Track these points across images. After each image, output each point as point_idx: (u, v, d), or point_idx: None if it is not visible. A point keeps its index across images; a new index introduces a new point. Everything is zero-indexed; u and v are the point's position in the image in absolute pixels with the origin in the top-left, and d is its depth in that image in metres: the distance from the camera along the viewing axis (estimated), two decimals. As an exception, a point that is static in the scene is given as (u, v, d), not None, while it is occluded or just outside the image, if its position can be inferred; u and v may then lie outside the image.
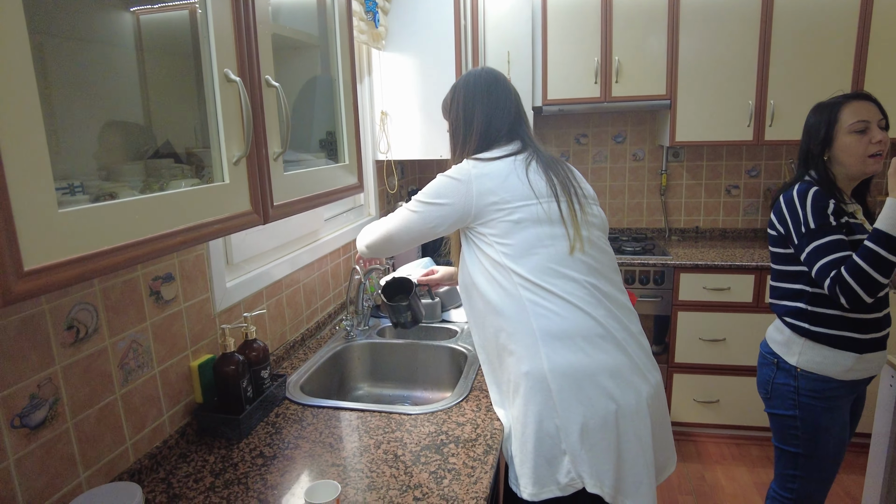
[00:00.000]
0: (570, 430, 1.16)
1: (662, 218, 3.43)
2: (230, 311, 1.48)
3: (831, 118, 1.62)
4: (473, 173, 1.26)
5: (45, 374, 0.96)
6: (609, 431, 1.16)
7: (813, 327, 1.62)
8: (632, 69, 2.93)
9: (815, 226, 1.54)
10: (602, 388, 1.17)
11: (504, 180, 1.25)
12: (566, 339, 1.18)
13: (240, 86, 0.82)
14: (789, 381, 1.67)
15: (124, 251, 0.64)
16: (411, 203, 1.33)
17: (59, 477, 0.99)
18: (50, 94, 0.81)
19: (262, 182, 0.91)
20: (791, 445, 1.71)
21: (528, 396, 1.20)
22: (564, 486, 1.17)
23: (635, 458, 1.17)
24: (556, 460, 1.18)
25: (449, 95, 1.43)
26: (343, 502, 1.07)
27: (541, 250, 1.21)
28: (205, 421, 1.33)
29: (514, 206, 1.23)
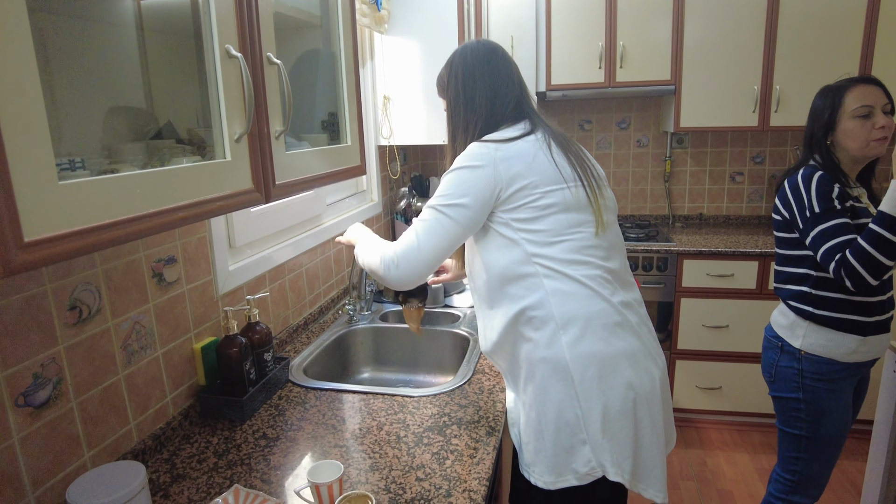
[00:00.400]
0: (591, 419, 1.13)
1: (666, 204, 3.41)
2: (233, 294, 1.48)
3: (835, 102, 1.61)
4: (497, 156, 1.14)
5: (49, 354, 0.96)
6: (628, 418, 1.14)
7: (817, 310, 1.62)
8: (636, 54, 2.90)
9: (820, 210, 1.54)
10: (621, 375, 1.14)
11: (532, 162, 1.15)
12: (587, 326, 1.13)
13: (241, 62, 0.81)
14: (793, 364, 1.68)
15: (125, 225, 0.64)
16: (435, 208, 1.15)
17: (63, 456, 1.00)
18: (51, 74, 0.81)
19: (264, 160, 0.91)
20: (794, 428, 1.72)
21: (547, 384, 1.15)
22: (583, 476, 1.13)
23: (651, 443, 1.17)
24: (574, 449, 1.14)
25: (444, 71, 1.30)
26: (346, 482, 1.08)
27: (566, 237, 1.15)
28: (208, 403, 1.33)
29: (544, 190, 1.14)
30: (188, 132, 1.01)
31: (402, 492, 1.05)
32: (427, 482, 1.07)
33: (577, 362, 1.13)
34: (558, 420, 1.14)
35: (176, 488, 1.09)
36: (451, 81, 1.27)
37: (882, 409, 1.98)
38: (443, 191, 1.16)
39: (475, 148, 1.16)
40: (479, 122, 1.24)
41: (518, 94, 1.26)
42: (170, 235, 1.25)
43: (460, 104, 1.25)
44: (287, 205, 1.72)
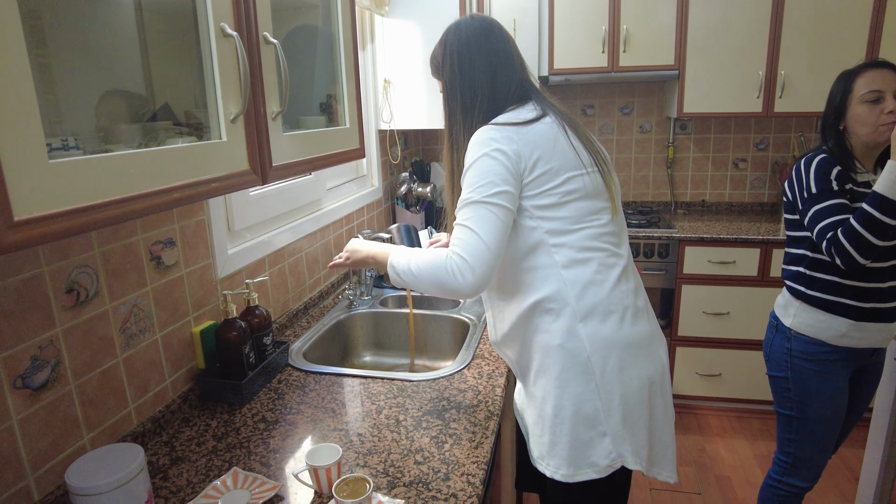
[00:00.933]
0: (611, 411, 1.10)
1: (668, 191, 3.39)
2: (232, 278, 1.48)
3: (846, 87, 1.60)
4: (518, 139, 1.08)
5: (47, 337, 0.96)
6: (644, 407, 1.13)
7: (809, 291, 1.64)
8: (640, 38, 2.86)
9: (817, 190, 1.57)
10: (638, 364, 1.13)
11: (553, 147, 1.09)
12: (606, 314, 1.11)
13: (237, 41, 0.79)
14: (783, 343, 1.71)
15: (118, 205, 0.63)
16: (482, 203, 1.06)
17: (63, 438, 1.00)
18: (47, 54, 0.79)
19: (261, 141, 0.89)
20: (786, 408, 1.75)
21: (566, 377, 1.11)
22: (603, 469, 1.11)
23: (663, 428, 1.17)
24: (593, 442, 1.11)
25: (438, 48, 1.22)
26: (344, 466, 1.08)
27: (585, 224, 1.12)
28: (207, 386, 1.33)
29: (566, 176, 1.09)
30: (186, 114, 1.00)
31: (400, 475, 1.05)
32: (426, 466, 1.07)
33: (598, 354, 1.10)
34: (577, 414, 1.11)
35: (175, 470, 1.09)
36: (446, 60, 1.19)
37: (882, 396, 1.98)
38: (478, 182, 1.06)
39: (493, 132, 1.09)
40: (480, 102, 1.17)
41: (520, 73, 1.20)
42: (168, 218, 1.25)
43: (457, 83, 1.18)
44: (286, 189, 1.71)
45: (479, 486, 1.02)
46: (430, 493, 1.00)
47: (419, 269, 1.10)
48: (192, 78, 0.94)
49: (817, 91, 2.75)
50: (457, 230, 1.08)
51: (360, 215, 2.30)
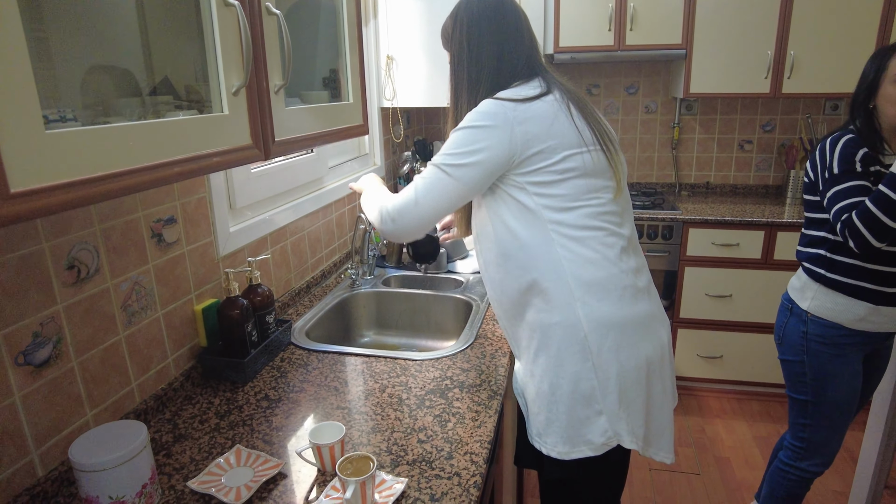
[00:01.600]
0: (608, 389, 1.11)
1: (673, 172, 3.36)
2: (234, 256, 1.47)
3: (881, 65, 1.55)
4: (514, 117, 1.07)
5: (48, 314, 0.95)
6: (642, 386, 1.13)
7: (829, 274, 1.61)
8: (647, 16, 2.81)
9: (839, 171, 1.53)
10: (636, 343, 1.12)
11: (552, 125, 1.09)
12: (604, 293, 1.11)
13: (238, 10, 0.77)
14: (799, 327, 1.69)
15: (117, 179, 0.61)
16: (439, 167, 1.11)
17: (66, 414, 1.00)
18: (44, 26, 0.77)
19: (263, 115, 0.87)
20: (800, 393, 1.73)
21: (563, 356, 1.12)
22: (599, 447, 1.12)
23: (661, 408, 1.17)
24: (589, 420, 1.12)
25: (449, 21, 1.22)
26: (348, 444, 1.08)
27: (584, 203, 1.11)
28: (209, 364, 1.33)
29: (564, 154, 1.08)
30: (186, 88, 0.98)
31: (403, 453, 1.05)
32: (429, 444, 1.07)
33: (596, 333, 1.10)
34: (574, 392, 1.11)
35: (178, 448, 1.09)
36: (455, 33, 1.19)
37: (884, 380, 1.98)
38: (449, 148, 1.10)
39: (489, 105, 1.09)
40: (486, 77, 1.17)
41: (528, 50, 1.19)
42: (169, 195, 1.23)
43: (464, 58, 1.18)
44: (288, 167, 1.69)
45: (483, 465, 1.02)
46: (434, 471, 1.00)
47: (367, 205, 1.28)
48: (193, 51, 0.91)
49: (827, 72, 2.71)
50: (409, 185, 1.16)
51: (363, 194, 2.27)
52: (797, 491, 1.81)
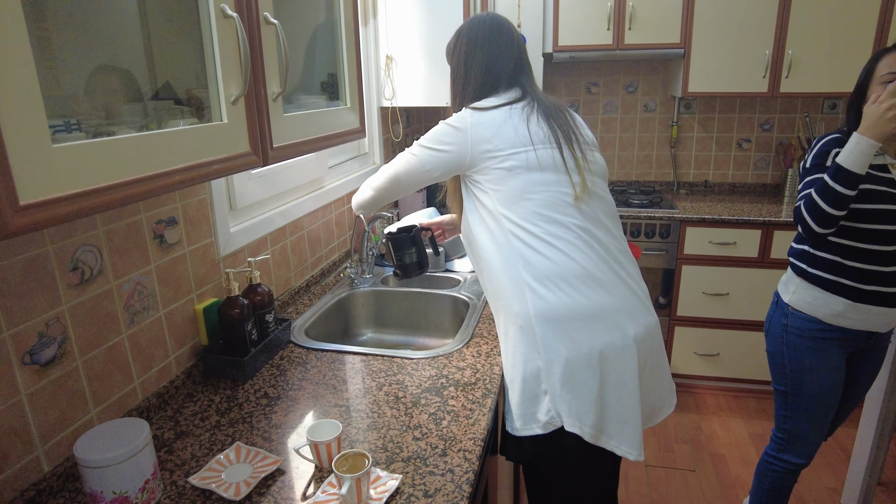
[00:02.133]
0: (551, 370, 1.19)
1: (671, 171, 3.38)
2: (234, 256, 1.49)
3: (871, 66, 1.58)
4: (470, 121, 1.26)
5: (53, 314, 0.98)
6: (591, 372, 1.18)
7: (810, 269, 1.66)
8: (646, 15, 2.83)
9: (810, 165, 1.60)
10: (585, 329, 1.18)
11: (499, 129, 1.25)
12: (549, 282, 1.19)
13: (237, 21, 0.79)
14: (781, 319, 1.74)
15: (121, 189, 0.64)
16: (413, 147, 1.33)
17: (70, 412, 1.03)
18: (47, 32, 0.79)
19: (261, 122, 0.90)
20: (781, 384, 1.79)
21: (517, 338, 1.23)
22: (545, 424, 1.21)
23: (620, 399, 1.19)
24: (537, 399, 1.21)
25: (452, 40, 1.41)
26: (344, 441, 1.11)
27: (532, 196, 1.22)
28: (210, 362, 1.36)
29: (507, 153, 1.23)
30: (187, 93, 1.00)
31: (399, 451, 1.08)
32: (424, 441, 1.10)
33: (539, 316, 1.19)
34: (524, 371, 1.22)
35: (179, 444, 1.12)
36: (455, 51, 1.38)
37: (878, 377, 2.00)
38: (426, 136, 1.30)
39: (461, 113, 1.30)
40: (472, 87, 1.34)
41: (513, 68, 1.34)
42: (170, 197, 1.25)
43: (460, 73, 1.36)
44: (287, 167, 1.71)
45: (476, 462, 1.04)
46: (428, 468, 1.03)
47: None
48: (194, 57, 0.94)
49: (825, 71, 2.72)
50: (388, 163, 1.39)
51: (362, 193, 2.30)
52: (782, 483, 1.84)
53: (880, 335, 1.68)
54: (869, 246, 1.55)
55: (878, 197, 1.53)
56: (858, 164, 1.46)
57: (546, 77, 3.29)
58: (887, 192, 1.53)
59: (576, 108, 3.39)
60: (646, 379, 1.24)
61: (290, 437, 1.14)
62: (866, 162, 1.46)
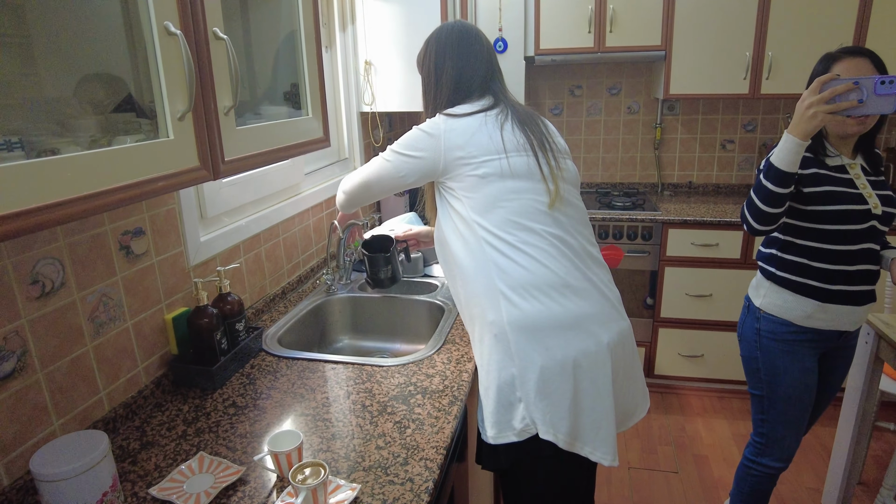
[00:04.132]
0: (526, 378, 1.19)
1: (656, 172, 3.39)
2: (206, 265, 1.50)
3: (824, 72, 1.58)
4: (443, 128, 1.26)
5: (11, 328, 0.98)
6: (565, 380, 1.18)
7: (779, 272, 1.67)
8: (626, 18, 2.83)
9: (763, 168, 1.61)
10: (559, 337, 1.18)
11: (472, 136, 1.25)
12: (523, 290, 1.19)
13: (181, 40, 0.80)
14: (753, 323, 1.75)
15: (59, 208, 0.64)
16: (386, 152, 1.33)
17: (31, 425, 1.03)
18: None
19: (212, 137, 0.90)
20: (756, 388, 1.79)
21: (492, 346, 1.23)
22: (520, 432, 1.21)
23: (594, 406, 1.20)
24: (512, 407, 1.21)
25: (422, 50, 1.41)
26: (308, 450, 1.11)
27: (505, 204, 1.22)
28: (180, 372, 1.36)
29: (480, 160, 1.23)
30: (149, 105, 1.01)
31: (361, 460, 1.08)
32: (386, 450, 1.11)
33: (513, 325, 1.20)
34: (499, 379, 1.22)
35: (144, 455, 1.12)
36: (425, 59, 1.38)
37: (853, 376, 2.02)
38: (396, 145, 1.31)
39: (434, 119, 1.29)
40: (444, 95, 1.34)
41: (484, 73, 1.34)
42: (136, 208, 1.26)
43: (431, 81, 1.36)
44: (260, 175, 1.72)
45: (437, 471, 1.05)
46: (388, 477, 1.03)
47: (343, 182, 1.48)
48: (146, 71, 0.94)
49: (804, 73, 2.71)
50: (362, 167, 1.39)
51: (342, 199, 2.30)
52: (761, 487, 1.85)
53: (849, 334, 1.70)
54: (834, 247, 1.57)
55: (841, 198, 1.55)
56: (787, 161, 1.47)
57: (529, 80, 3.30)
58: (848, 193, 1.55)
59: (559, 111, 3.40)
60: (619, 384, 1.25)
61: (254, 446, 1.14)
62: (796, 160, 1.47)
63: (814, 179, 1.58)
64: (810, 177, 1.58)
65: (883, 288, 2.48)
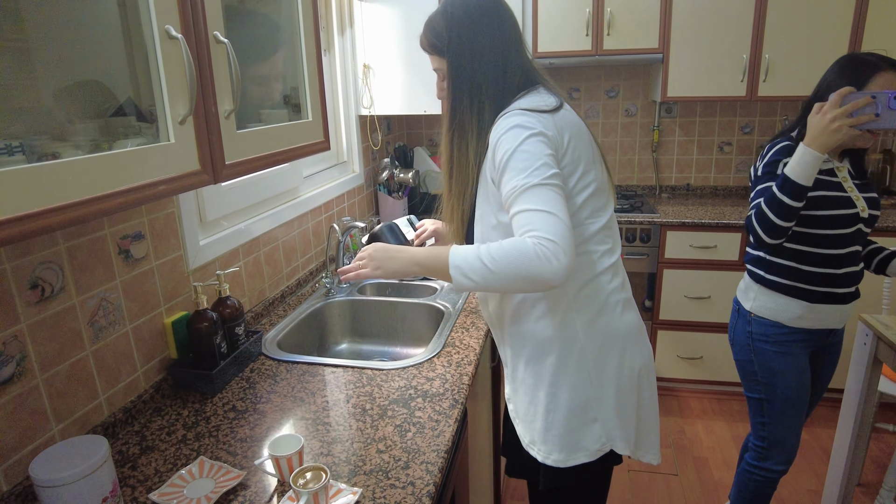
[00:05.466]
0: (603, 398, 1.14)
1: (653, 175, 3.39)
2: (205, 269, 1.49)
3: (857, 81, 1.47)
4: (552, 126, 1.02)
5: (10, 332, 0.98)
6: (634, 393, 1.16)
7: (768, 275, 1.68)
8: (624, 21, 2.84)
9: (762, 173, 1.60)
10: (629, 352, 1.16)
11: (580, 136, 1.07)
12: (603, 306, 1.13)
13: (182, 43, 0.80)
14: (745, 327, 1.76)
15: (59, 213, 0.64)
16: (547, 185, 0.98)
17: (31, 430, 1.02)
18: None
19: (212, 141, 0.90)
20: (754, 392, 1.79)
21: (559, 366, 1.14)
22: (594, 452, 1.16)
23: (649, 412, 1.21)
24: (585, 428, 1.15)
25: (440, 20, 1.11)
26: (308, 454, 1.11)
27: (595, 219, 1.11)
28: (179, 376, 1.36)
29: (585, 168, 1.07)
30: (149, 109, 1.01)
31: (361, 464, 1.08)
32: (387, 454, 1.10)
33: (592, 345, 1.13)
34: (571, 401, 1.14)
35: (144, 460, 1.12)
36: (452, 33, 1.09)
37: (852, 378, 2.02)
38: (532, 165, 0.98)
39: (525, 117, 1.02)
40: (491, 83, 1.08)
41: (526, 54, 1.13)
42: (136, 212, 1.26)
43: (465, 60, 1.08)
44: (259, 178, 1.72)
45: (438, 475, 1.05)
46: (389, 481, 1.03)
47: (497, 263, 0.96)
48: (148, 75, 0.94)
49: (801, 75, 2.74)
50: (526, 216, 0.96)
51: (341, 202, 2.30)
52: (764, 491, 1.85)
53: (837, 331, 1.73)
54: (823, 250, 1.58)
55: (832, 202, 1.55)
56: (805, 175, 1.46)
57: (528, 83, 3.30)
58: (838, 197, 1.55)
59: (558, 113, 3.40)
60: None
61: (255, 450, 1.14)
62: (813, 173, 1.46)
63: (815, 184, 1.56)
64: None
65: (879, 288, 2.49)
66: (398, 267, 1.14)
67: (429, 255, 1.11)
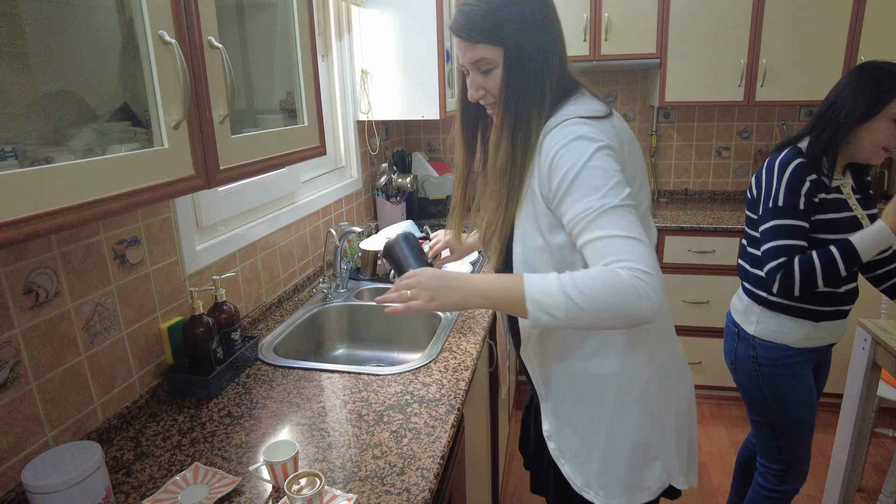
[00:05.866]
0: (665, 435, 1.09)
1: (652, 180, 3.40)
2: (201, 274, 1.49)
3: (886, 95, 1.42)
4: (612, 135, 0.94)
5: (4, 338, 0.98)
6: (687, 422, 1.14)
7: (771, 297, 1.62)
8: (622, 26, 2.85)
9: (784, 204, 1.49)
10: (682, 377, 1.12)
11: (634, 148, 0.99)
12: (661, 335, 1.09)
13: (175, 48, 0.80)
14: (749, 352, 1.68)
15: (49, 218, 0.64)
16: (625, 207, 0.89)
17: (24, 436, 1.02)
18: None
19: (206, 145, 0.90)
20: (764, 416, 1.72)
21: (619, 405, 1.06)
22: (655, 491, 1.11)
23: (692, 438, 1.18)
24: (646, 468, 1.10)
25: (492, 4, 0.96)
26: (304, 460, 1.10)
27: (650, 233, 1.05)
28: (175, 381, 1.35)
29: (641, 183, 1.00)
30: (145, 114, 1.01)
31: (357, 469, 1.07)
32: (383, 460, 1.10)
33: (655, 380, 1.07)
34: (633, 443, 1.08)
35: (138, 466, 1.11)
36: (511, 16, 0.95)
37: (851, 384, 2.01)
38: (607, 183, 0.89)
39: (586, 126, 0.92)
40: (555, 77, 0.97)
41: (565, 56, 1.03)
42: (132, 217, 1.26)
43: (529, 48, 0.95)
44: (256, 183, 1.72)
45: (433, 481, 1.04)
46: (385, 487, 1.02)
47: (588, 299, 0.85)
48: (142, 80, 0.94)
49: (798, 80, 2.75)
50: (610, 243, 0.87)
51: (339, 207, 2.30)
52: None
53: (834, 343, 1.70)
54: None
55: (839, 225, 1.51)
56: (871, 253, 1.42)
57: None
58: (845, 219, 1.51)
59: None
60: None
61: (250, 456, 1.13)
62: (877, 251, 1.43)
63: (820, 207, 1.51)
64: (818, 204, 1.51)
65: (877, 293, 2.48)
66: (459, 298, 0.97)
67: (497, 286, 0.94)
